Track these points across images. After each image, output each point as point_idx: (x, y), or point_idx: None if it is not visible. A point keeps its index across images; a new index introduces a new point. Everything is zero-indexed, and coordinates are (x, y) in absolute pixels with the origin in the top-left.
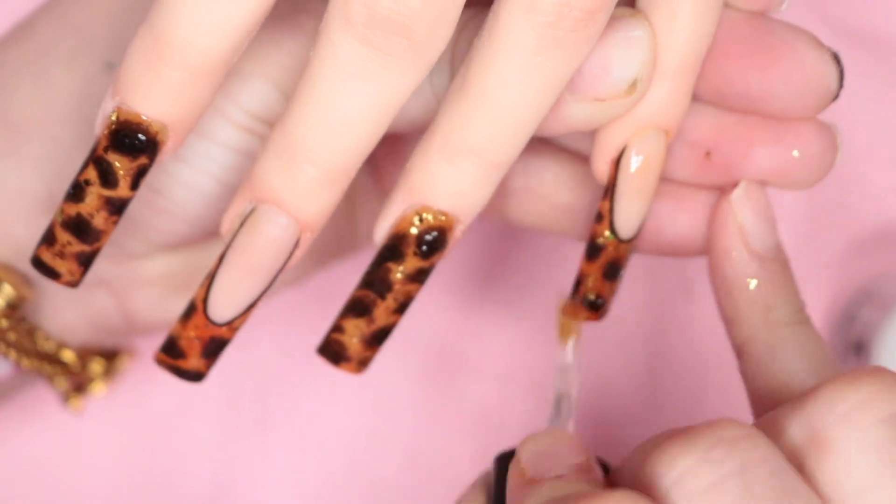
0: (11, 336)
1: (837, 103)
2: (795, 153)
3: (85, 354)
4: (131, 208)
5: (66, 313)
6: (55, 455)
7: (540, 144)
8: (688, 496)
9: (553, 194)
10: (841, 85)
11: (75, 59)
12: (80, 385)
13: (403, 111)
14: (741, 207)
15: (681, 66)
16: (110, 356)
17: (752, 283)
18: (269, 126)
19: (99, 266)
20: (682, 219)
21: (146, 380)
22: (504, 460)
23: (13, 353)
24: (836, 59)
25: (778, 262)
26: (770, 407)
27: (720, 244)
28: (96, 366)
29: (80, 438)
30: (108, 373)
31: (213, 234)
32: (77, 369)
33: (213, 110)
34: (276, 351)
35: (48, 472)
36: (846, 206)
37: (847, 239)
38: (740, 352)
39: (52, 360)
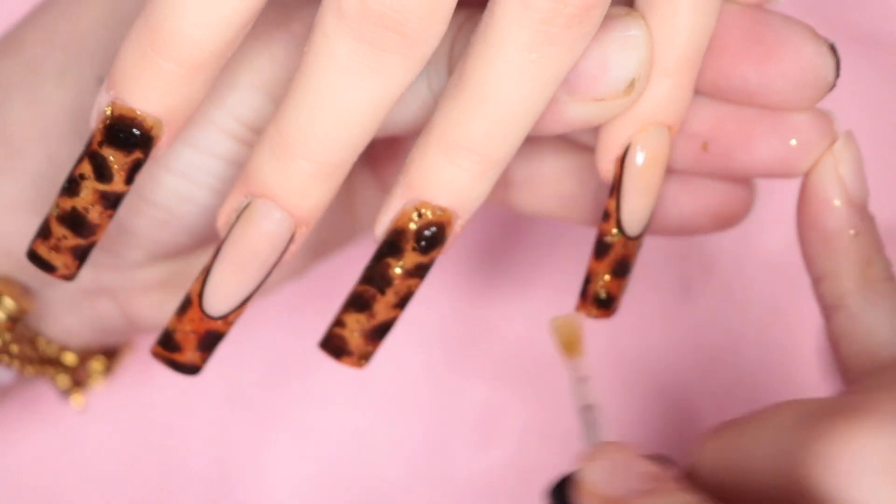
0: (14, 348)
1: (837, 103)
2: (793, 142)
3: (86, 355)
4: (132, 221)
5: (67, 318)
6: (55, 450)
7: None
8: None
9: (555, 184)
10: (837, 75)
11: (65, 75)
12: (79, 380)
13: (400, 113)
14: (843, 160)
15: (682, 63)
16: (111, 354)
17: (853, 234)
18: None
19: (101, 276)
20: (687, 201)
21: (145, 375)
22: (560, 493)
23: (17, 364)
24: (833, 49)
25: (871, 219)
26: (865, 365)
27: (820, 195)
28: (97, 363)
29: (79, 433)
30: (109, 369)
31: (215, 239)
32: (76, 365)
33: (210, 123)
34: (275, 346)
35: (47, 467)
36: None
37: None
38: (834, 308)
39: (54, 362)
